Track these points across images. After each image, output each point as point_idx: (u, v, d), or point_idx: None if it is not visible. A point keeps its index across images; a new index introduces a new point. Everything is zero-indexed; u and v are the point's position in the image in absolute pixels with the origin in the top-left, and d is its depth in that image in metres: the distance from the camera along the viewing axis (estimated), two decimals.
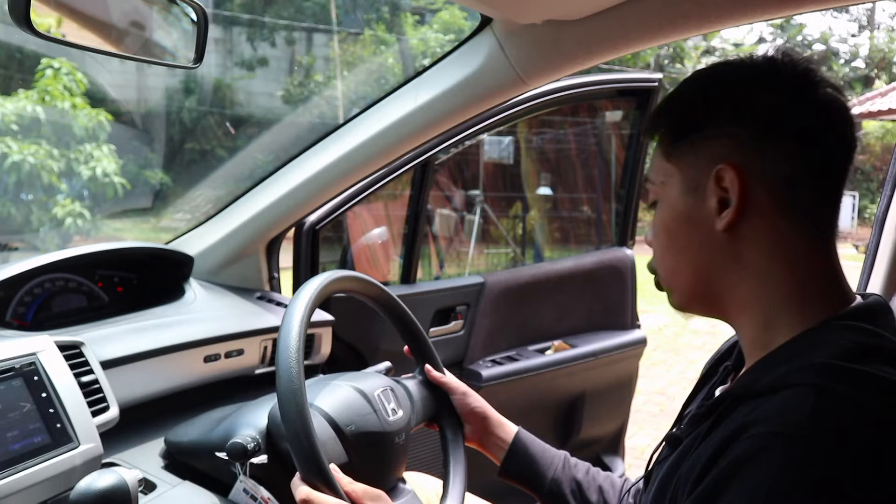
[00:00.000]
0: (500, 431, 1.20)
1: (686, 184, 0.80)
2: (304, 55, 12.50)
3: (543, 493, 1.13)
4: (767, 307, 0.76)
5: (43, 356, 1.06)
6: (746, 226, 0.76)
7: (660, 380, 5.12)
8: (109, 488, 0.89)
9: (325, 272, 1.11)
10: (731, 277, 0.78)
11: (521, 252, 6.68)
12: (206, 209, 8.21)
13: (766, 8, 1.11)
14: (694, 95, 0.82)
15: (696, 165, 0.78)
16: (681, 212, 0.80)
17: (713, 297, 0.81)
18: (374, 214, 2.44)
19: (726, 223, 0.76)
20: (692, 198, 0.79)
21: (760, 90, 0.76)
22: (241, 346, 1.46)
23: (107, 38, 1.16)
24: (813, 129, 0.74)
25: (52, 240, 6.92)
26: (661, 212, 0.83)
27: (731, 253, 0.77)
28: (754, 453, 0.63)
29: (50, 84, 6.79)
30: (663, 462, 0.83)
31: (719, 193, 0.76)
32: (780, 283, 0.75)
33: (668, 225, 0.82)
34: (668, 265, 0.84)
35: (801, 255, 0.75)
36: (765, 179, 0.75)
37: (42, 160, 6.66)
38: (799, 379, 0.66)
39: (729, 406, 0.72)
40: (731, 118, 0.76)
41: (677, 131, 0.81)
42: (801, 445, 0.61)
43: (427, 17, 12.58)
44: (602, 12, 1.15)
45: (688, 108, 0.81)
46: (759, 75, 0.78)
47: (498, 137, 6.03)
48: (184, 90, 10.47)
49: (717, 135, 0.77)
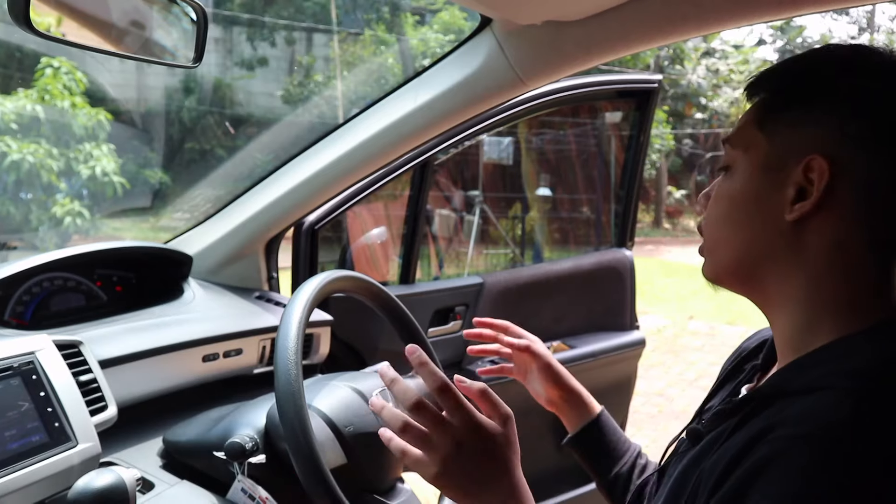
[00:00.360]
0: (583, 398, 1.15)
1: (770, 160, 0.74)
2: (303, 55, 12.50)
3: (608, 479, 1.10)
4: (811, 308, 0.72)
5: (41, 355, 1.06)
6: (816, 222, 0.71)
7: (658, 381, 5.12)
8: (107, 487, 0.89)
9: (324, 272, 1.11)
10: (781, 269, 0.74)
11: (521, 253, 6.69)
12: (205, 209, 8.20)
13: (765, 10, 1.11)
14: (810, 70, 0.75)
15: (788, 145, 0.73)
16: (754, 187, 0.75)
17: (755, 280, 0.77)
18: (373, 214, 2.45)
19: (798, 215, 0.71)
20: (771, 177, 0.74)
21: (881, 86, 0.70)
22: (240, 345, 1.46)
23: (107, 38, 1.16)
24: None
25: (51, 239, 6.92)
26: (731, 179, 0.78)
27: (792, 245, 0.73)
28: (780, 455, 0.61)
29: (49, 83, 6.79)
30: (682, 455, 0.80)
31: (802, 182, 0.71)
32: (832, 286, 0.71)
33: (734, 195, 0.77)
34: (719, 233, 0.79)
35: (861, 263, 0.71)
36: (854, 181, 0.69)
37: (41, 159, 6.66)
38: (833, 382, 0.64)
39: (757, 406, 0.69)
40: (841, 107, 0.71)
41: (781, 101, 0.75)
42: (831, 449, 0.59)
43: (427, 17, 12.59)
44: (601, 13, 1.15)
45: (800, 80, 0.74)
46: (881, 69, 0.72)
47: (497, 138, 6.04)
48: (183, 90, 10.47)
49: (822, 120, 0.71)
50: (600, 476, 1.11)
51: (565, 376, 1.15)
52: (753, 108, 0.78)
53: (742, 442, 0.65)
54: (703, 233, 0.82)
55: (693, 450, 0.76)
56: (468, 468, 0.77)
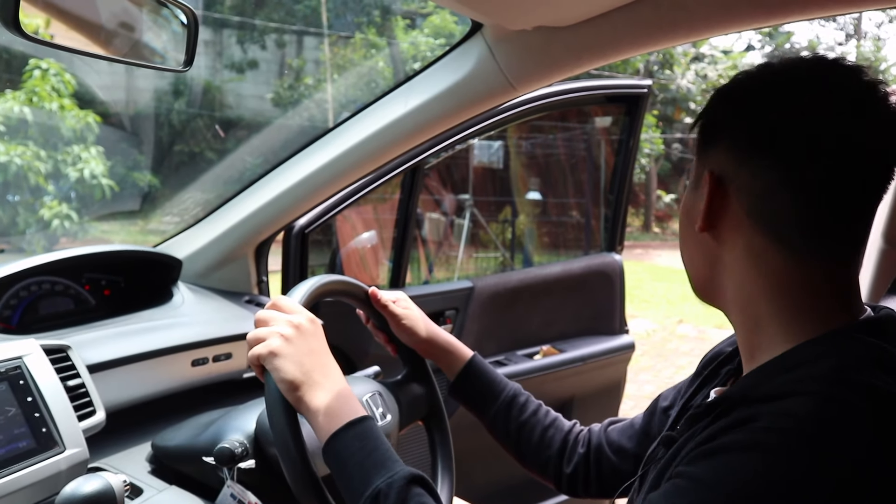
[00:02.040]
0: (455, 351, 1.20)
1: (695, 180, 0.83)
2: (294, 58, 12.49)
3: (489, 419, 1.17)
4: (751, 312, 0.77)
5: (29, 360, 1.05)
6: (724, 231, 0.78)
7: (648, 385, 5.14)
8: (95, 493, 0.89)
9: (314, 276, 1.10)
10: (719, 278, 0.80)
11: (511, 256, 6.70)
12: (194, 212, 8.18)
13: (753, 17, 1.12)
14: (717, 102, 0.82)
15: (701, 163, 0.81)
16: (687, 205, 0.84)
17: (711, 294, 0.83)
18: (363, 218, 2.44)
19: (699, 226, 0.79)
20: (693, 193, 0.82)
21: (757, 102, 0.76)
22: (230, 349, 1.45)
23: (96, 41, 1.15)
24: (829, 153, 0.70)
25: (39, 242, 6.87)
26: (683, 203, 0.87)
27: (713, 254, 0.80)
28: (747, 442, 0.63)
29: (38, 85, 6.75)
30: (658, 462, 0.83)
31: (707, 194, 0.78)
32: (761, 293, 0.76)
33: (680, 216, 0.86)
34: (683, 255, 0.87)
35: (784, 269, 0.74)
36: (740, 189, 0.76)
37: (29, 161, 6.62)
38: (802, 388, 0.66)
39: (724, 410, 0.72)
40: (731, 128, 0.77)
41: (704, 131, 0.83)
42: (797, 444, 0.62)
43: (418, 21, 12.60)
44: (592, 19, 1.16)
45: (713, 112, 0.82)
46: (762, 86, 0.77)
47: (488, 142, 6.05)
48: (173, 92, 10.43)
49: (719, 142, 0.79)
50: (482, 417, 1.19)
51: (426, 326, 1.20)
52: (696, 143, 0.85)
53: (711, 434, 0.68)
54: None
55: (667, 454, 0.79)
56: (292, 348, 0.93)
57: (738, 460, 0.63)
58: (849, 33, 21.62)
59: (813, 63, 0.75)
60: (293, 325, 0.95)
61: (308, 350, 0.94)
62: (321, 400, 0.90)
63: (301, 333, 0.95)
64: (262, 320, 0.97)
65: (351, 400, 0.92)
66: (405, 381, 1.23)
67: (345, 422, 0.88)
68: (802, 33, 23.82)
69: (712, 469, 0.64)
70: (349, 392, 0.93)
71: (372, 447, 0.87)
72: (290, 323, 0.95)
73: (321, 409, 0.89)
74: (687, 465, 0.67)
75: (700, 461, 0.66)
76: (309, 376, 0.91)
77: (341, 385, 0.93)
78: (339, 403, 0.90)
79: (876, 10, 1.20)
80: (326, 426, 0.89)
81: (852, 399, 0.64)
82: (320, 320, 1.01)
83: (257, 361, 0.94)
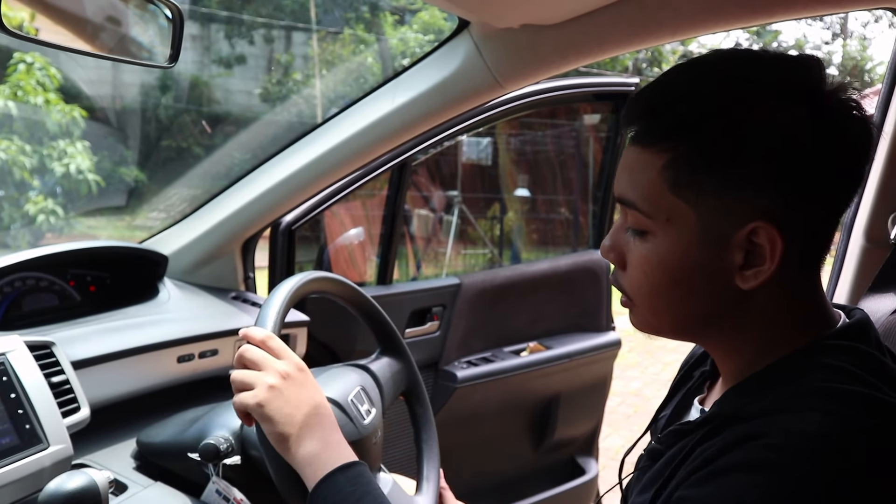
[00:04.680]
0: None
1: (705, 233, 0.67)
2: (282, 53, 12.43)
3: None
4: (758, 347, 0.71)
5: (12, 356, 1.05)
6: (770, 280, 0.67)
7: (634, 381, 5.16)
8: (79, 490, 0.88)
9: (301, 272, 1.10)
10: (730, 323, 0.71)
11: (499, 253, 6.70)
12: (181, 208, 8.12)
13: (740, 16, 1.13)
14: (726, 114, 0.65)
15: (723, 213, 0.66)
16: (693, 260, 0.68)
17: (700, 335, 0.75)
18: (351, 214, 2.44)
19: (755, 284, 0.67)
20: (710, 249, 0.67)
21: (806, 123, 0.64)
22: (216, 346, 1.45)
23: (81, 35, 1.15)
24: (852, 178, 0.67)
25: (24, 237, 6.81)
26: (657, 250, 0.70)
27: (743, 305, 0.69)
28: (752, 462, 0.61)
29: (22, 79, 6.68)
30: (643, 472, 0.80)
31: (748, 247, 0.66)
32: (779, 324, 0.70)
33: (671, 270, 0.70)
34: (651, 305, 0.73)
35: (802, 296, 0.71)
36: (799, 236, 0.66)
37: (14, 156, 6.55)
38: (798, 404, 0.63)
39: (715, 428, 0.68)
40: (776, 162, 0.64)
41: (701, 163, 0.65)
42: (802, 461, 0.60)
43: (407, 17, 12.57)
44: (578, 18, 1.16)
45: (722, 133, 0.64)
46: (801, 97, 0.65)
47: (476, 138, 6.04)
48: (160, 87, 10.35)
49: (756, 180, 0.64)
50: None
51: None
52: (661, 169, 0.67)
53: (710, 455, 0.65)
54: (621, 289, 0.76)
55: (652, 468, 0.76)
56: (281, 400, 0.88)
57: (744, 481, 0.60)
58: (835, 32, 21.76)
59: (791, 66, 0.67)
60: (281, 375, 0.90)
61: (297, 401, 0.89)
62: (310, 450, 0.87)
63: (291, 383, 0.90)
64: (250, 362, 0.91)
65: (341, 446, 0.89)
66: (381, 358, 1.23)
67: (334, 467, 0.86)
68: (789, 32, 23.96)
69: (717, 492, 0.61)
70: (339, 439, 0.90)
71: (363, 492, 0.84)
72: (279, 372, 0.90)
73: (310, 460, 0.87)
74: (689, 488, 0.64)
75: (704, 484, 0.63)
76: (298, 429, 0.88)
77: (331, 433, 0.90)
78: (328, 453, 0.87)
79: (861, 10, 1.21)
80: (313, 475, 0.86)
81: (850, 413, 0.62)
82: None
83: (243, 409, 0.89)
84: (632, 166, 0.70)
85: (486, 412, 2.13)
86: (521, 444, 2.29)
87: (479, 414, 2.10)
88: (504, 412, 2.18)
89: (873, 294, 1.15)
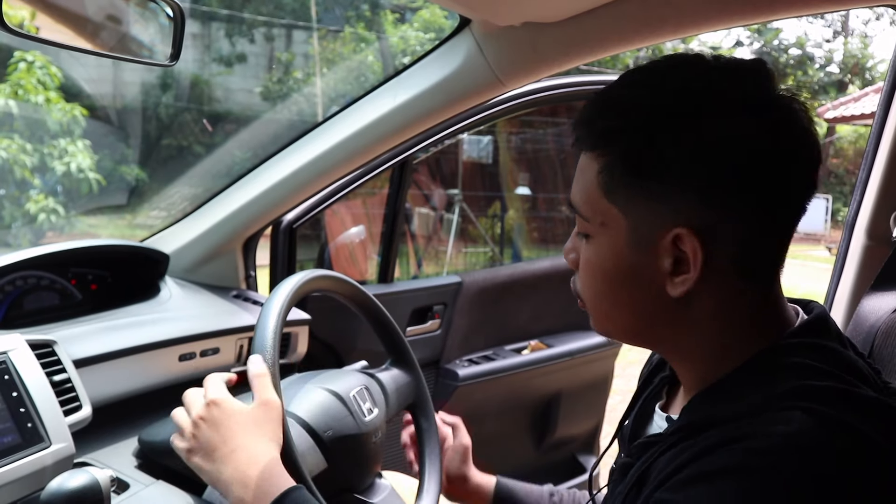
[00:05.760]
0: (478, 478, 1.18)
1: (634, 238, 0.69)
2: (283, 52, 12.42)
3: None
4: (713, 352, 0.72)
5: (14, 355, 1.05)
6: (701, 288, 0.68)
7: (635, 380, 5.14)
8: (81, 488, 0.88)
9: (302, 271, 1.10)
10: (674, 330, 0.72)
11: (500, 251, 6.70)
12: (182, 206, 8.13)
13: (742, 14, 1.13)
14: (656, 121, 0.66)
15: (649, 219, 0.68)
16: (626, 265, 0.70)
17: (651, 340, 0.76)
18: (352, 213, 2.44)
19: (682, 291, 0.68)
20: (640, 254, 0.69)
21: (739, 128, 0.64)
22: (217, 344, 1.45)
23: (82, 34, 1.15)
24: (789, 180, 0.66)
25: (25, 236, 6.81)
26: (596, 253, 0.72)
27: (679, 313, 0.70)
28: (733, 466, 0.60)
29: (23, 77, 6.68)
30: (614, 486, 0.80)
31: (675, 254, 0.67)
32: (726, 337, 0.71)
33: (606, 270, 0.72)
34: (601, 305, 0.75)
35: (751, 305, 0.70)
36: (728, 243, 0.67)
37: (14, 155, 6.56)
38: (773, 404, 0.63)
39: (687, 436, 0.67)
40: (701, 168, 0.65)
41: (630, 169, 0.67)
42: (783, 461, 0.60)
43: (407, 15, 12.56)
44: (580, 15, 1.16)
45: (648, 139, 0.66)
46: (734, 102, 0.65)
47: (477, 137, 6.04)
48: (161, 86, 10.35)
49: (679, 186, 0.65)
50: None
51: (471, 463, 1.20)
52: (596, 171, 0.70)
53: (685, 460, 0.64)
54: (575, 292, 0.79)
55: (623, 481, 0.75)
56: (201, 451, 0.90)
57: (731, 486, 0.60)
58: (836, 30, 21.74)
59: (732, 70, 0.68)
60: (194, 421, 0.92)
61: (213, 444, 0.90)
62: (237, 495, 0.86)
63: (206, 425, 0.91)
64: (186, 404, 0.96)
65: (268, 481, 0.86)
66: (391, 369, 1.23)
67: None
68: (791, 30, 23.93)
69: (698, 496, 0.61)
70: (264, 470, 0.87)
71: None
72: (193, 420, 0.92)
73: (243, 500, 0.85)
74: (670, 491, 0.64)
75: (687, 488, 0.62)
76: (220, 474, 0.88)
77: (253, 467, 0.87)
78: (253, 493, 0.85)
79: (863, 7, 1.21)
80: None
81: (829, 410, 0.62)
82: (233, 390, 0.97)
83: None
84: (578, 170, 0.73)
85: (488, 410, 2.13)
86: (523, 442, 2.29)
87: (480, 412, 2.11)
88: (505, 410, 2.18)
89: (875, 292, 1.15)
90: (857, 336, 1.11)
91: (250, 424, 0.90)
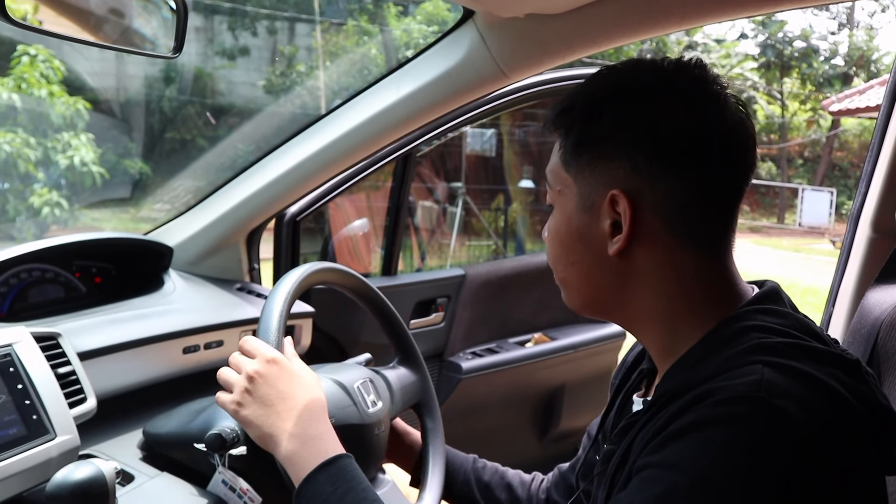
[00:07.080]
0: (407, 440, 1.20)
1: (581, 200, 0.79)
2: (286, 45, 12.41)
3: (454, 494, 1.15)
4: (668, 319, 0.78)
5: (19, 347, 1.05)
6: (639, 250, 0.76)
7: None
8: (86, 480, 0.89)
9: (306, 264, 1.10)
10: (625, 294, 0.79)
11: (503, 244, 6.70)
12: (186, 199, 8.14)
13: (746, 5, 1.12)
14: (599, 104, 0.78)
15: (592, 184, 0.78)
16: (574, 228, 0.80)
17: (609, 308, 0.82)
18: (355, 206, 2.44)
19: (616, 249, 0.76)
20: (586, 216, 0.79)
21: (667, 110, 0.75)
22: (221, 337, 1.45)
23: (85, 26, 1.15)
24: (717, 156, 0.75)
25: (29, 230, 6.84)
26: (555, 219, 0.83)
27: (624, 273, 0.78)
28: (707, 419, 0.65)
29: (26, 71, 6.69)
30: (601, 476, 0.83)
31: (613, 216, 0.77)
32: (675, 298, 0.77)
33: (561, 237, 0.82)
34: (562, 273, 0.84)
35: (696, 271, 0.77)
36: (659, 207, 0.75)
37: (18, 148, 6.57)
38: (739, 362, 0.68)
39: (664, 404, 0.72)
40: (631, 139, 0.75)
41: (577, 142, 0.79)
42: (752, 409, 0.64)
43: (410, 8, 12.53)
44: (583, 7, 1.16)
45: (591, 117, 0.78)
46: (667, 90, 0.77)
47: (480, 130, 6.03)
48: (164, 79, 10.35)
49: (615, 155, 0.76)
50: (450, 494, 1.16)
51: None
52: (558, 148, 0.82)
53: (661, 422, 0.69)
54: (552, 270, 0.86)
55: (607, 468, 0.79)
56: (255, 403, 0.92)
57: (702, 438, 0.64)
58: (842, 23, 21.65)
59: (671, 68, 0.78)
60: (250, 376, 0.93)
61: (269, 399, 0.92)
62: (289, 449, 0.88)
63: (262, 382, 0.92)
64: (233, 365, 0.96)
65: (322, 440, 0.89)
66: (397, 368, 1.23)
67: (315, 465, 0.86)
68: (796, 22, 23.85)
69: (678, 451, 0.65)
70: (321, 430, 0.90)
71: (344, 490, 0.84)
72: (248, 374, 0.93)
73: (290, 460, 0.88)
74: (649, 455, 0.68)
75: (664, 447, 0.67)
76: (274, 428, 0.90)
77: (310, 424, 0.90)
78: (307, 450, 0.88)
79: None
80: (296, 476, 0.87)
81: (790, 362, 0.67)
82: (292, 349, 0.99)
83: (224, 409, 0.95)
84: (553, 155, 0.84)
85: (491, 403, 2.13)
86: (526, 434, 2.29)
87: (483, 405, 2.11)
88: (509, 403, 2.19)
89: (880, 284, 1.15)
90: (862, 328, 1.11)
91: (308, 387, 0.94)
